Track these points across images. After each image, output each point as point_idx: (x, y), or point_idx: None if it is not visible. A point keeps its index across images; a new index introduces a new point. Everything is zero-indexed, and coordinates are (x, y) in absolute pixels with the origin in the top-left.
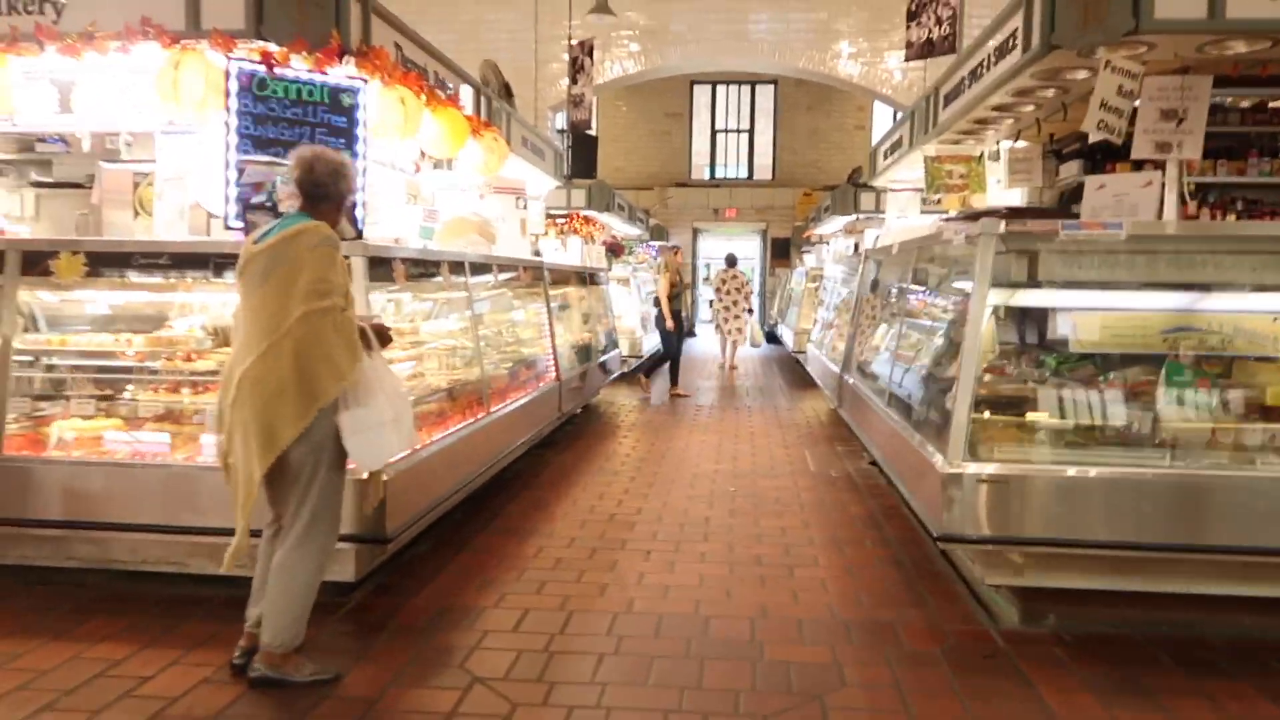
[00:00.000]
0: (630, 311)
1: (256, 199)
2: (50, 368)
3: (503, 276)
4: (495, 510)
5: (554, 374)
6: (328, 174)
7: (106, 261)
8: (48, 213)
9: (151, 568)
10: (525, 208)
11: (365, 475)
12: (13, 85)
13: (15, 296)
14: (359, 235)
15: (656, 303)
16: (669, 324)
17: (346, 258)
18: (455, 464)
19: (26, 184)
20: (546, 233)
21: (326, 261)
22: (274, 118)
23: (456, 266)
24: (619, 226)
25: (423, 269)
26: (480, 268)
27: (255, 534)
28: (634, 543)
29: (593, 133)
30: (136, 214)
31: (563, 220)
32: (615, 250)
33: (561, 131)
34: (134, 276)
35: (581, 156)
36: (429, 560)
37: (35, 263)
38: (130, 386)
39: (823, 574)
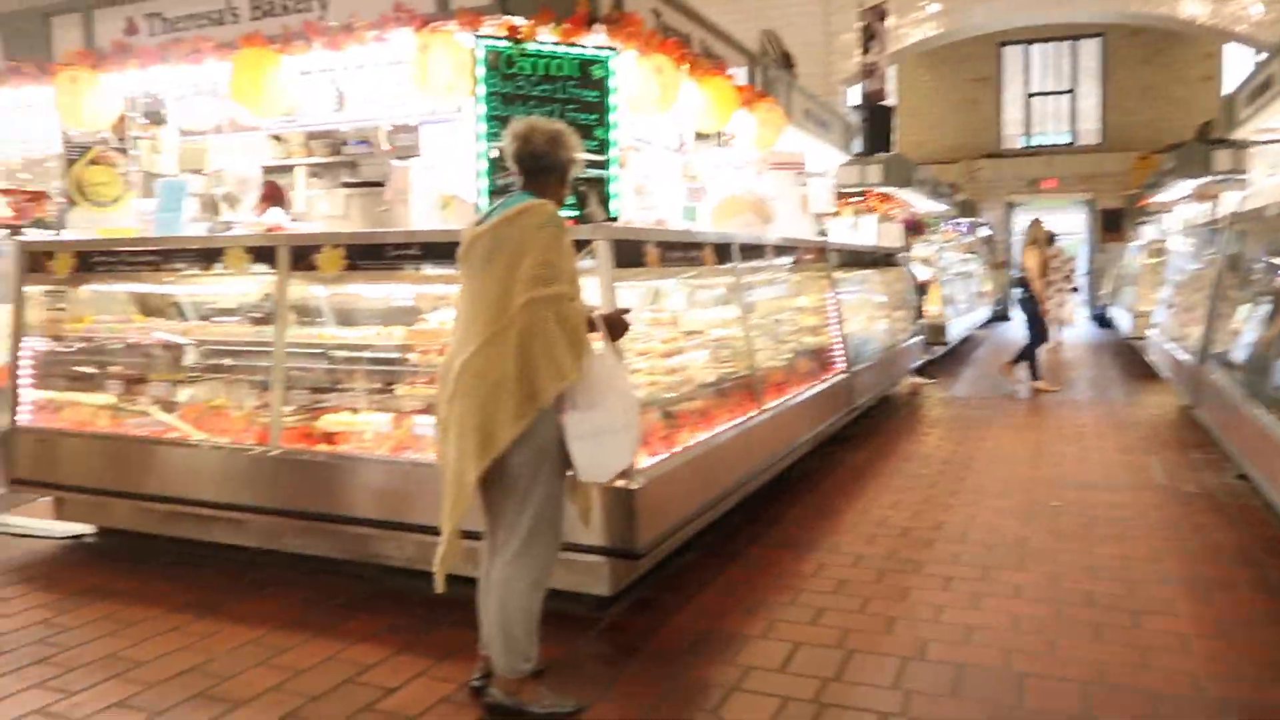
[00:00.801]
0: (933, 294)
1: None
2: (319, 361)
3: (780, 260)
4: (773, 517)
5: (843, 364)
6: (545, 143)
7: (365, 254)
8: (356, 211)
9: (420, 566)
10: (806, 184)
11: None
12: (289, 84)
13: (286, 291)
14: (611, 218)
15: (1022, 284)
16: (1042, 307)
17: (587, 242)
18: (723, 467)
19: (339, 185)
20: (838, 212)
21: (552, 244)
22: (522, 96)
23: (723, 250)
24: (920, 203)
25: (684, 253)
26: (752, 250)
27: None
28: (931, 565)
29: (890, 103)
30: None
31: (857, 199)
32: (916, 228)
33: (857, 107)
34: (391, 269)
35: (877, 130)
36: (694, 573)
37: (302, 257)
38: (393, 380)
39: (1182, 627)
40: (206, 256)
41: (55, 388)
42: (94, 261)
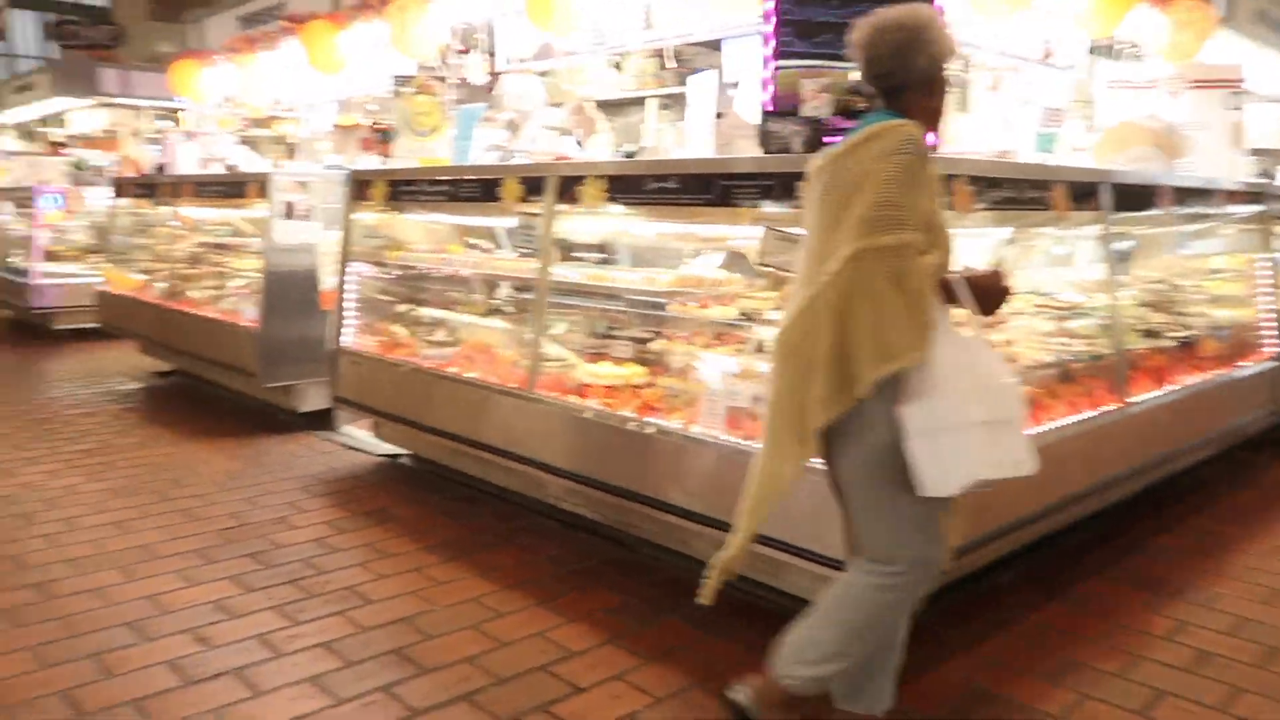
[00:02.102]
0: None
1: (810, 109)
2: (582, 303)
3: (1183, 208)
4: (1129, 543)
5: (1272, 348)
6: (899, 44)
7: (624, 187)
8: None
9: (666, 543)
10: (1241, 108)
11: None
12: (586, 4)
13: (551, 224)
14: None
15: None
16: None
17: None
18: (1061, 471)
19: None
20: None
21: (899, 177)
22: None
23: (1087, 191)
24: None
25: (1025, 195)
26: (1135, 194)
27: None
28: None
29: None
30: None
31: None
32: None
33: None
34: (652, 203)
35: None
36: (994, 604)
37: (568, 189)
38: (656, 330)
39: None
40: (483, 187)
41: (369, 313)
42: (401, 190)
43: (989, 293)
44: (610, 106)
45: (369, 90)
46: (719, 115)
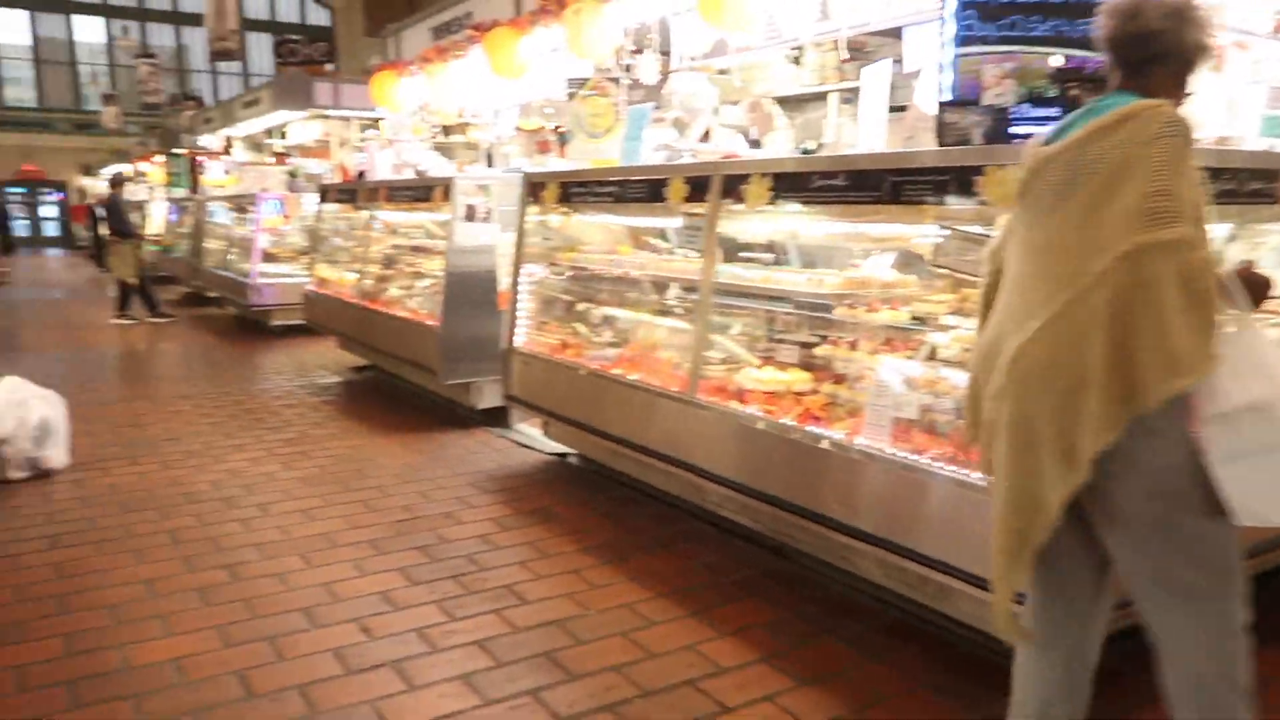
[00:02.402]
0: None
1: (992, 98)
2: (744, 306)
3: None
4: None
5: None
6: (1165, 18)
7: (790, 184)
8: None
9: (826, 557)
10: None
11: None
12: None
13: (716, 224)
14: None
15: None
16: None
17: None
18: None
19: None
20: None
21: (1172, 163)
22: None
23: None
24: None
25: (1247, 187)
26: None
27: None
28: None
29: None
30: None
31: None
32: None
33: None
34: (821, 202)
35: None
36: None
37: (733, 188)
38: (820, 335)
39: None
40: (650, 187)
41: (540, 313)
42: (571, 192)
43: (1258, 289)
44: (791, 102)
45: (548, 94)
46: (901, 109)
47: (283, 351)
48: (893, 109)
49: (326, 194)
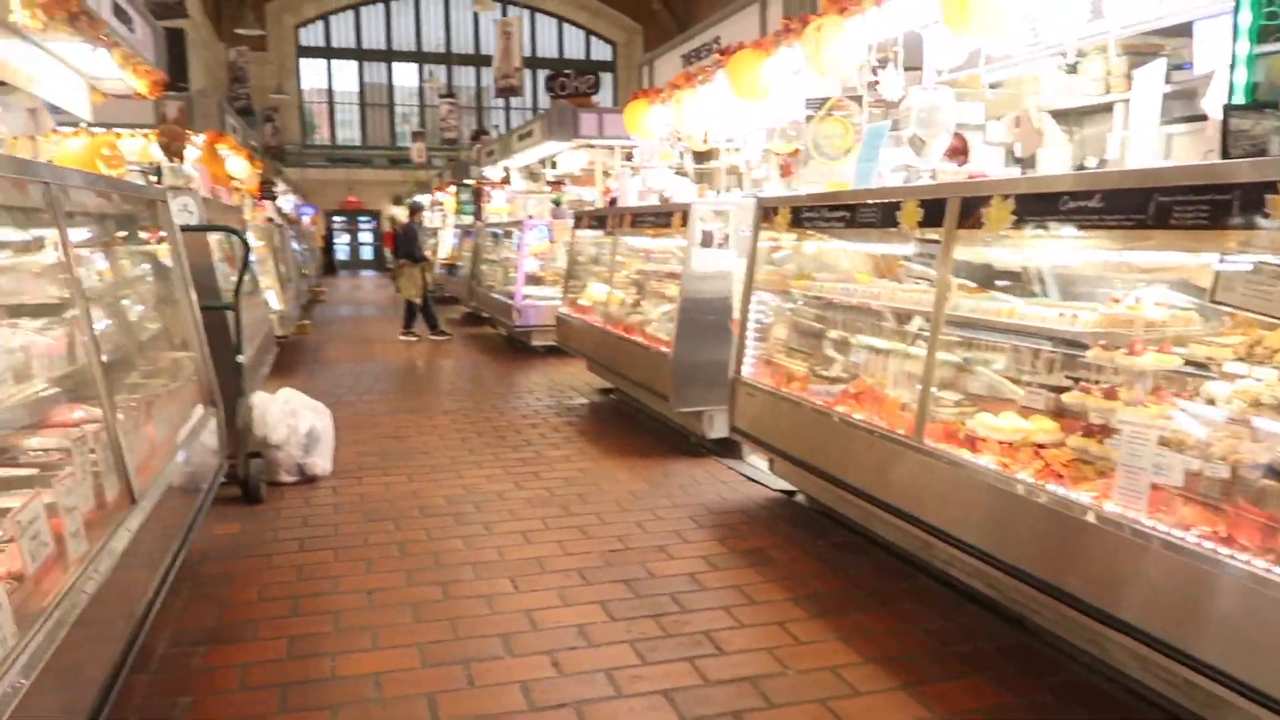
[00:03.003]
0: None
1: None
2: (983, 342)
3: None
4: None
5: None
6: None
7: (1034, 207)
8: (1181, 154)
9: (1067, 635)
10: None
11: None
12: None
13: (951, 251)
14: None
15: None
16: None
17: None
18: None
19: (1172, 121)
20: None
21: None
22: None
23: None
24: None
25: None
26: None
27: None
28: None
29: None
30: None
31: None
32: None
33: None
34: (1074, 225)
35: None
36: None
37: (971, 211)
38: (1071, 378)
39: None
40: (881, 210)
41: (768, 343)
42: (803, 217)
43: None
44: (1070, 116)
45: (792, 116)
46: (1199, 118)
47: (540, 371)
48: (1187, 119)
49: (580, 220)
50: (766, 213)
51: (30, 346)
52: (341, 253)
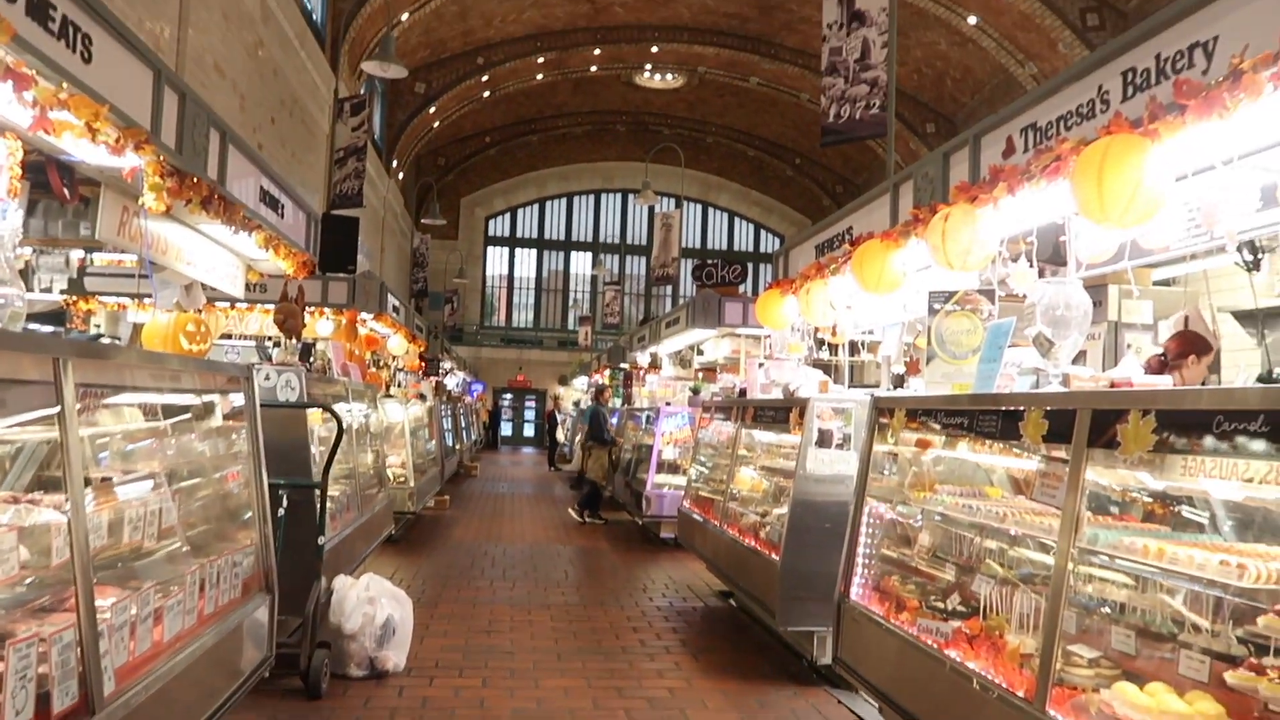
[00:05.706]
0: None
1: None
2: (1118, 584)
3: None
4: None
5: None
6: None
7: (1182, 425)
8: None
9: None
10: None
11: None
12: (1155, 185)
13: (1081, 473)
14: None
15: None
16: None
17: None
18: None
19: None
20: None
21: None
22: None
23: None
24: None
25: None
26: None
27: None
28: None
29: None
30: None
31: None
32: None
33: None
34: (1241, 454)
35: None
36: None
37: (1105, 426)
38: (1247, 646)
39: None
40: (1001, 419)
41: (880, 561)
42: (920, 421)
43: None
44: (1258, 316)
45: (921, 311)
46: None
47: (663, 566)
48: None
49: (707, 410)
50: (882, 413)
51: None
52: (505, 429)
